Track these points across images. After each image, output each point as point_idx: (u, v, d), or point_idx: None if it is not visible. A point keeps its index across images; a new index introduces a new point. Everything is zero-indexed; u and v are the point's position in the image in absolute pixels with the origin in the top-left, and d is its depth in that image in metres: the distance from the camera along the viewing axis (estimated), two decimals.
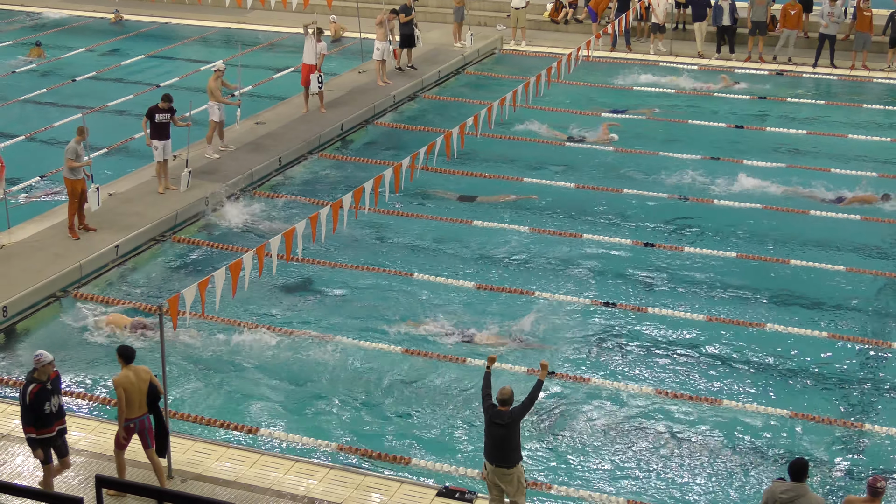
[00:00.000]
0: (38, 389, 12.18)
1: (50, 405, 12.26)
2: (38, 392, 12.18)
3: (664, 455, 14.00)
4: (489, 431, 11.96)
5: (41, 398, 12.20)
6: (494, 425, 11.88)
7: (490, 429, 11.94)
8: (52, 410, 12.29)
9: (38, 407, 12.20)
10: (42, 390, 12.20)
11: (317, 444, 14.12)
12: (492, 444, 11.97)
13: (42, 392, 12.20)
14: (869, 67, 29.20)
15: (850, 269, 18.55)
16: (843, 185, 21.65)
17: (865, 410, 14.85)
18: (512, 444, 11.91)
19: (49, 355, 12.31)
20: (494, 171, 22.86)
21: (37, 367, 12.20)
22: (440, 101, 27.70)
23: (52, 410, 12.30)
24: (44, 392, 12.21)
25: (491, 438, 11.96)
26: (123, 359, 12.63)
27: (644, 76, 29.04)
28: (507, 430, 11.85)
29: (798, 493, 10.82)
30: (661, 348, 16.35)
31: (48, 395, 12.24)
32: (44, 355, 12.26)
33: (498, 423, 11.83)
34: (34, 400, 12.16)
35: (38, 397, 12.18)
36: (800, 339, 16.52)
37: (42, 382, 12.22)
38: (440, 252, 19.44)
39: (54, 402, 12.32)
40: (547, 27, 33.61)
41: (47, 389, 12.23)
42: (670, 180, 22.24)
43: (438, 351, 16.20)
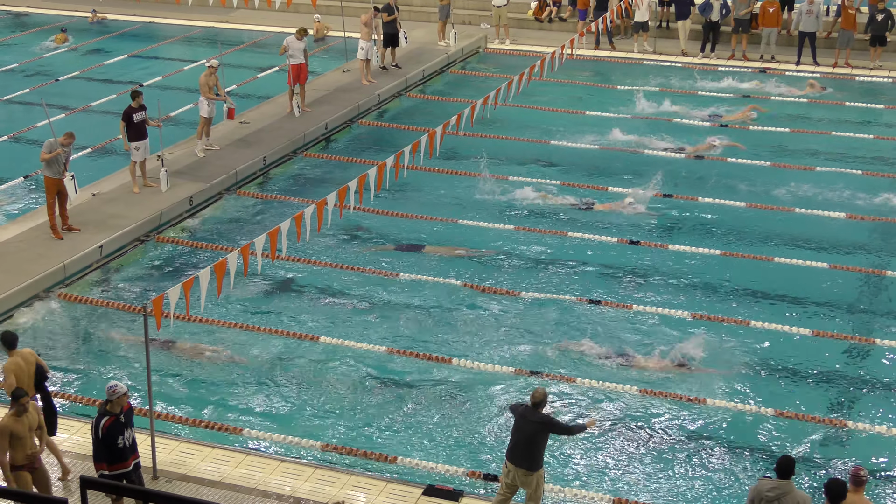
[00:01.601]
0: (112, 422, 11.74)
1: (123, 439, 11.81)
2: (111, 425, 11.72)
3: (650, 454, 14.04)
4: (518, 428, 11.99)
5: (114, 432, 11.74)
6: (524, 420, 11.92)
7: (519, 424, 11.98)
8: (125, 444, 11.85)
9: (112, 441, 11.73)
10: (115, 423, 11.75)
11: (302, 444, 14.10)
12: (515, 444, 12.02)
13: (115, 425, 11.75)
14: (851, 65, 29.31)
15: (833, 267, 18.61)
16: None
17: (849, 408, 14.91)
18: (538, 447, 11.94)
19: (123, 387, 11.85)
20: (479, 170, 22.85)
21: (110, 399, 11.75)
22: (424, 100, 27.70)
23: (126, 444, 11.86)
24: (117, 425, 11.76)
25: (517, 436, 11.99)
26: (7, 345, 12.68)
27: (708, 83, 28.66)
28: (535, 431, 11.89)
29: (784, 490, 10.84)
30: (647, 347, 16.37)
31: (121, 429, 11.79)
32: (118, 387, 11.80)
33: (529, 419, 11.89)
34: (107, 434, 11.70)
35: (111, 431, 11.72)
36: (783, 336, 16.56)
37: (115, 415, 11.77)
38: (429, 251, 19.42)
39: (128, 435, 11.87)
40: (531, 25, 33.63)
41: (121, 423, 11.78)
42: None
43: (426, 351, 16.19)
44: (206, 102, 22.44)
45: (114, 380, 14.18)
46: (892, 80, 28.37)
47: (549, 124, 25.69)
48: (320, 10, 32.33)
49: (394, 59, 28.79)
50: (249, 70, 29.78)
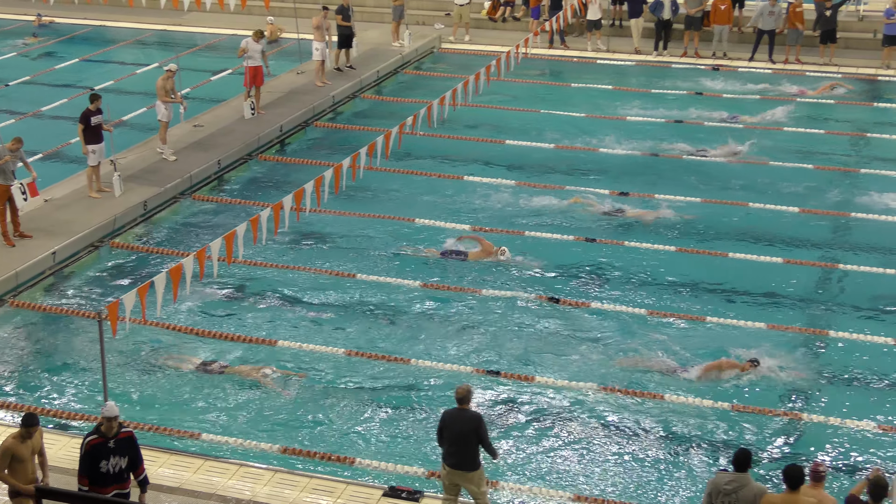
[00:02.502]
0: (98, 443, 11.20)
1: (108, 465, 11.22)
2: (95, 445, 11.19)
3: (609, 450, 14.08)
4: (450, 430, 11.96)
5: (97, 453, 11.19)
6: (455, 421, 11.91)
7: (451, 426, 11.95)
8: (109, 471, 11.26)
9: (93, 461, 11.18)
10: (101, 445, 11.19)
11: (261, 448, 14.02)
12: (450, 446, 11.99)
13: (100, 447, 11.19)
14: (802, 61, 29.62)
15: (787, 261, 18.78)
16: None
17: (805, 400, 15.03)
18: (473, 446, 11.91)
19: (112, 411, 11.22)
20: (435, 170, 22.89)
21: (103, 418, 11.24)
22: (379, 101, 27.67)
23: (111, 471, 11.27)
24: (102, 448, 11.19)
25: (450, 438, 11.97)
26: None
27: (716, 83, 28.65)
28: (468, 430, 11.86)
29: (741, 483, 10.91)
30: (604, 345, 16.44)
31: (107, 454, 11.21)
32: (106, 408, 11.27)
33: (460, 418, 11.88)
34: (89, 452, 11.16)
35: (93, 451, 11.18)
36: (739, 330, 16.69)
37: (104, 437, 11.21)
38: (385, 251, 19.39)
39: (114, 462, 11.25)
40: (485, 25, 33.66)
41: (107, 447, 11.20)
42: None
43: (384, 352, 16.16)
44: (163, 106, 22.28)
45: (71, 388, 13.99)
46: (842, 76, 28.66)
47: (505, 124, 25.74)
48: (273, 13, 32.19)
49: (348, 61, 28.71)
50: (203, 73, 29.59)
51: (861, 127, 25.33)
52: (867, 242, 19.56)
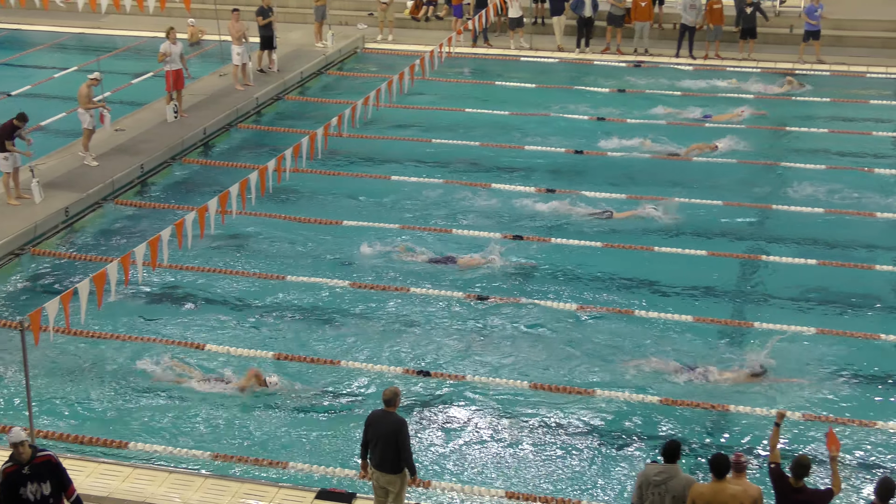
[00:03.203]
0: (11, 471, 10.76)
1: (28, 492, 10.77)
2: (9, 473, 10.76)
3: (540, 446, 14.15)
4: (375, 431, 11.95)
5: (13, 482, 10.74)
6: (380, 423, 11.90)
7: (376, 427, 11.94)
8: (30, 498, 10.80)
9: (11, 490, 10.73)
10: (15, 474, 10.74)
11: (192, 454, 13.87)
12: (374, 447, 11.98)
13: (16, 476, 10.74)
14: (721, 56, 30.06)
15: (711, 254, 19.03)
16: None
17: (731, 392, 15.21)
18: (396, 449, 11.88)
19: (18, 435, 10.69)
20: (361, 171, 22.84)
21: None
22: (304, 102, 27.54)
23: (31, 499, 10.81)
24: (17, 476, 10.74)
25: (375, 439, 11.96)
26: None
27: (686, 82, 28.75)
28: (391, 433, 11.84)
29: (670, 474, 11.04)
30: (535, 341, 16.52)
31: (23, 481, 10.75)
32: (11, 434, 10.75)
33: (384, 421, 11.87)
34: (5, 480, 10.75)
35: (9, 479, 10.75)
36: (667, 323, 16.87)
37: (18, 464, 10.76)
38: (313, 253, 19.30)
39: (34, 489, 10.78)
40: (408, 25, 33.67)
41: (23, 475, 10.74)
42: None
43: (314, 354, 16.08)
44: (87, 114, 21.96)
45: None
46: (761, 71, 29.13)
47: (431, 123, 25.77)
48: (194, 14, 31.86)
49: (271, 62, 28.52)
50: (124, 76, 29.18)
51: (781, 121, 25.74)
52: (789, 234, 19.89)
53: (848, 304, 17.44)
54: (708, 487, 10.83)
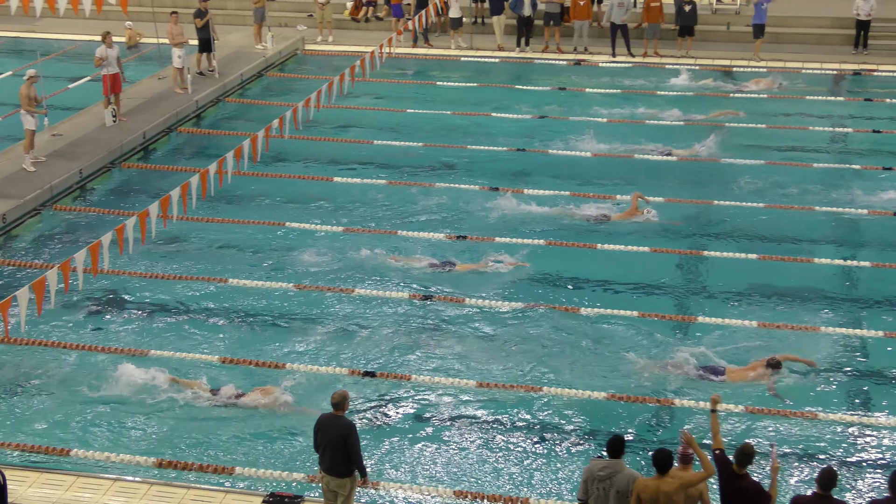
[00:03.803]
0: None
1: None
2: None
3: (488, 444, 14.17)
4: (324, 434, 11.92)
5: None
6: (329, 426, 11.87)
7: (325, 431, 11.91)
8: None
9: None
10: None
11: (136, 462, 13.71)
12: (324, 451, 11.95)
13: None
14: (660, 54, 30.33)
15: (654, 250, 19.18)
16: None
17: (677, 387, 15.33)
18: (345, 452, 11.85)
19: None
20: (303, 172, 22.74)
21: None
22: (244, 105, 27.38)
23: None
24: None
25: (324, 443, 11.93)
26: None
27: (639, 80, 28.80)
28: (340, 436, 11.81)
29: (615, 469, 11.11)
30: (484, 338, 16.55)
31: None
32: None
33: (333, 424, 11.84)
34: None
35: None
36: (613, 319, 16.97)
37: None
38: (256, 256, 19.18)
39: None
40: (348, 26, 33.61)
41: None
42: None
43: (259, 357, 15.98)
44: (29, 115, 21.66)
45: None
46: (699, 68, 29.42)
47: (373, 124, 25.74)
48: (132, 17, 31.52)
49: (210, 65, 28.31)
50: (60, 80, 28.81)
51: (719, 118, 26.01)
52: (730, 229, 20.09)
53: (789, 298, 17.65)
54: (652, 481, 10.91)
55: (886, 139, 24.49)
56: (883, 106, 26.50)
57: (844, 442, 14.10)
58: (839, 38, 31.14)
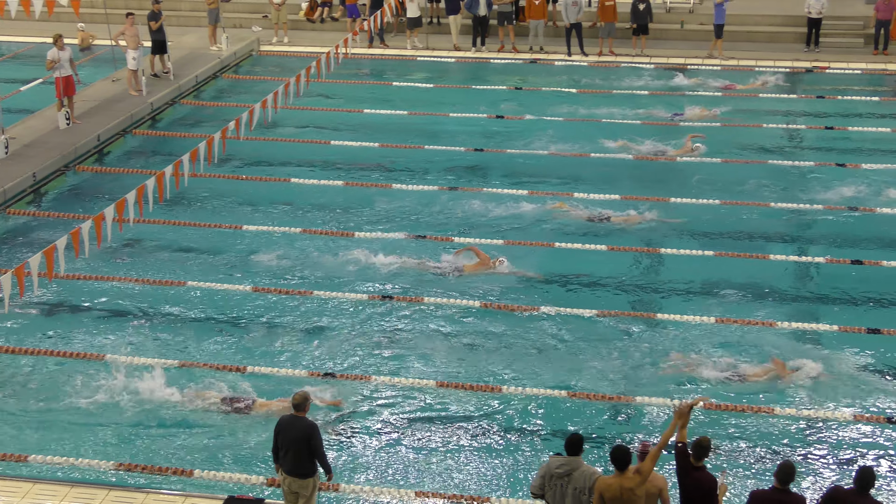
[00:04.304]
0: None
1: None
2: None
3: (449, 444, 14.18)
4: (285, 436, 11.90)
5: None
6: (290, 427, 11.85)
7: (286, 432, 11.89)
8: None
9: None
10: None
11: (94, 466, 13.60)
12: (285, 452, 11.92)
13: None
14: (615, 53, 30.51)
15: (611, 248, 19.27)
16: None
17: (636, 383, 15.42)
18: (306, 454, 11.84)
19: None
20: (260, 174, 22.64)
21: None
22: (200, 107, 27.23)
23: None
24: None
25: (285, 444, 11.91)
26: None
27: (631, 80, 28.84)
28: (300, 438, 11.80)
29: (573, 467, 11.15)
30: (442, 338, 16.55)
31: None
32: None
33: (294, 425, 11.82)
34: None
35: None
36: (570, 318, 17.03)
37: None
38: (214, 258, 19.08)
39: None
40: (304, 26, 33.51)
41: None
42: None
43: (218, 361, 15.89)
44: None
45: None
46: (654, 66, 29.63)
47: (329, 125, 25.68)
48: (84, 19, 31.27)
49: (164, 66, 28.12)
50: (13, 83, 28.47)
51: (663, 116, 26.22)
52: (686, 227, 20.23)
53: (744, 294, 17.80)
54: (613, 479, 10.96)
55: (839, 135, 24.75)
56: (835, 103, 26.78)
57: (801, 436, 14.25)
58: (791, 36, 31.48)
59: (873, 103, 26.93)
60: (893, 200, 21.00)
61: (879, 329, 16.50)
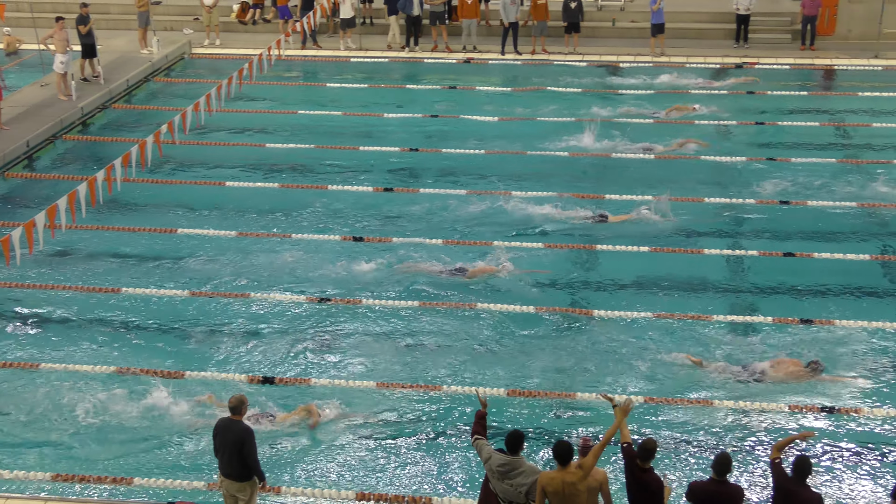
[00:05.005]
0: None
1: None
2: None
3: (389, 445, 14.16)
4: (222, 439, 11.85)
5: None
6: (226, 430, 11.80)
7: (223, 435, 11.84)
8: None
9: None
10: None
11: (31, 477, 13.39)
12: (222, 455, 11.87)
13: None
14: (548, 51, 30.68)
15: (548, 245, 19.36)
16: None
17: (573, 378, 15.52)
18: (242, 457, 11.78)
19: None
20: (194, 178, 22.45)
21: None
22: (131, 111, 26.92)
23: None
24: None
25: (222, 447, 11.86)
26: None
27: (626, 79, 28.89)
28: (236, 441, 11.75)
29: (514, 465, 11.17)
30: (381, 339, 16.53)
31: None
32: None
33: (231, 429, 11.77)
34: None
35: None
36: (508, 315, 17.08)
37: None
38: (149, 263, 18.88)
39: None
40: (236, 28, 33.29)
41: None
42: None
43: (155, 366, 15.72)
44: None
45: None
46: (587, 64, 29.85)
47: (263, 127, 25.53)
48: (10, 23, 30.78)
49: (94, 70, 27.76)
50: None
51: (608, 114, 26.39)
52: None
53: (679, 289, 17.98)
54: (556, 473, 11.01)
55: (768, 130, 25.09)
56: (764, 98, 27.14)
57: (738, 427, 14.42)
58: (721, 33, 31.88)
59: (802, 98, 27.35)
60: (824, 193, 21.35)
61: (812, 319, 16.77)
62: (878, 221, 20.34)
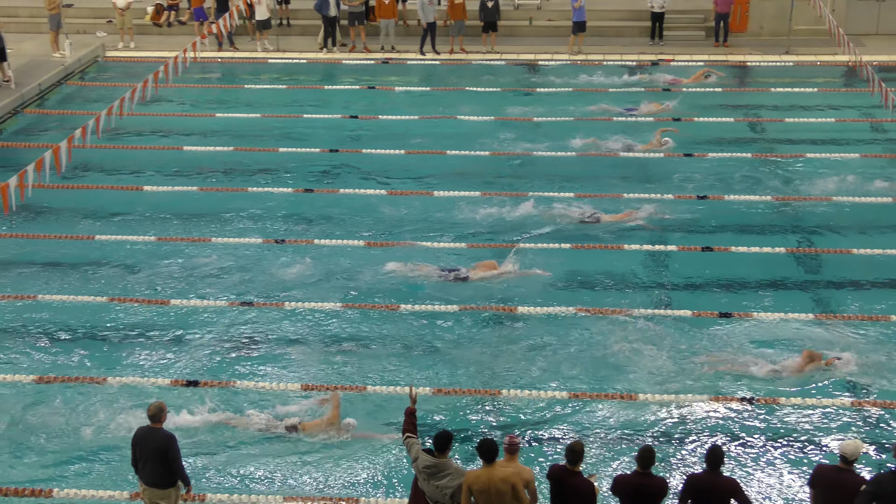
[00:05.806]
0: None
1: None
2: None
3: (315, 447, 14.07)
4: (143, 446, 11.72)
5: None
6: (147, 437, 11.68)
7: (143, 442, 11.72)
8: None
9: None
10: None
11: None
12: (144, 463, 11.74)
13: None
14: (466, 50, 30.77)
15: (471, 246, 19.41)
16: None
17: (503, 377, 15.56)
18: (164, 464, 11.66)
19: None
20: (110, 182, 22.11)
21: None
22: (44, 115, 26.44)
23: None
24: None
25: (143, 454, 11.73)
26: None
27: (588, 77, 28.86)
28: (157, 448, 11.63)
29: (440, 466, 11.17)
30: (304, 342, 16.44)
31: None
32: None
33: (151, 436, 11.65)
34: None
35: None
36: (434, 315, 17.09)
37: None
38: (66, 270, 18.55)
39: None
40: (150, 31, 32.88)
41: None
42: None
43: (77, 374, 15.44)
44: None
45: None
46: (505, 63, 30.00)
47: (180, 130, 25.24)
48: None
49: (5, 75, 27.21)
50: None
51: (529, 113, 26.52)
52: (542, 221, 20.50)
53: (600, 285, 18.13)
54: (482, 471, 11.03)
55: (684, 126, 25.37)
56: (680, 95, 27.48)
57: (660, 420, 14.57)
58: (636, 31, 32.26)
59: (717, 94, 27.77)
60: (740, 187, 21.70)
61: (731, 312, 17.02)
62: (792, 214, 20.71)
